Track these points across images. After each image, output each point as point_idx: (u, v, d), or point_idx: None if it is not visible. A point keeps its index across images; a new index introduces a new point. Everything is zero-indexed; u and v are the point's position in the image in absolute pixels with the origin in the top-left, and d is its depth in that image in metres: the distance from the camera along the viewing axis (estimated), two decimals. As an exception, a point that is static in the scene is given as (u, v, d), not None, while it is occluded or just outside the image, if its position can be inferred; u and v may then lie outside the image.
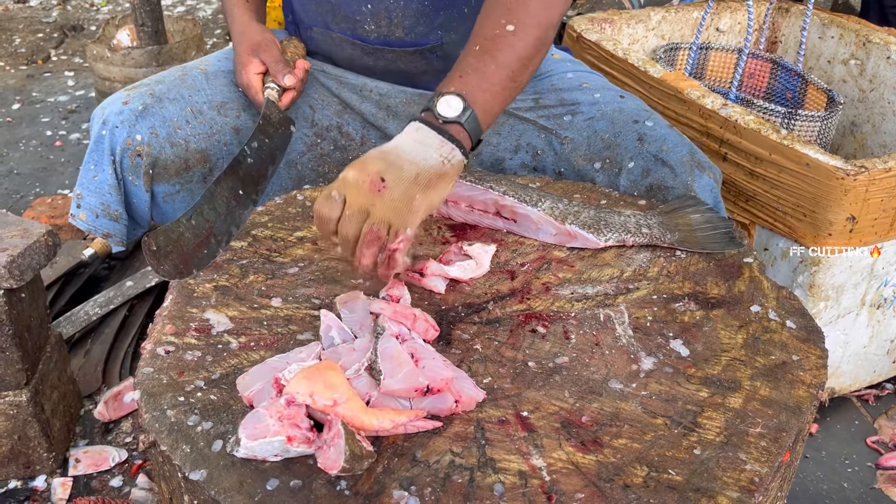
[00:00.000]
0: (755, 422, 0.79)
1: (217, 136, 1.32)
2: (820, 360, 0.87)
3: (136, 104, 1.27)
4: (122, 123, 1.26)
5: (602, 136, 1.28)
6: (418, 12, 1.25)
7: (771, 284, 0.99)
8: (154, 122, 1.27)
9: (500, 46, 1.01)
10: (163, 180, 1.29)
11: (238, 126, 1.33)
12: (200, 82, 1.33)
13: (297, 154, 1.36)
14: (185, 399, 0.80)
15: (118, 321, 1.69)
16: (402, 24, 1.26)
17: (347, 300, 0.92)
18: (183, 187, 1.31)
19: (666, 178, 1.21)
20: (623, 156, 1.25)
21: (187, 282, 0.99)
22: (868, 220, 1.34)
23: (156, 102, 1.28)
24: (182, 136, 1.29)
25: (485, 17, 1.04)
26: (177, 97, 1.30)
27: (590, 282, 1.01)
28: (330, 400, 0.74)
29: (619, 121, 1.28)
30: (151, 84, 1.32)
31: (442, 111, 0.95)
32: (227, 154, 1.32)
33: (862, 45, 1.90)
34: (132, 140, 1.26)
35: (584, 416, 0.80)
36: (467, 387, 0.81)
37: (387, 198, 0.87)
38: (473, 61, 1.00)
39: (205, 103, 1.32)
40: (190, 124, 1.30)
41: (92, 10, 4.22)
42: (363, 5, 1.25)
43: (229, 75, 1.36)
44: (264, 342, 0.90)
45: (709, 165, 1.23)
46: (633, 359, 0.88)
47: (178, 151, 1.29)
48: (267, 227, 1.10)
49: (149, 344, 0.88)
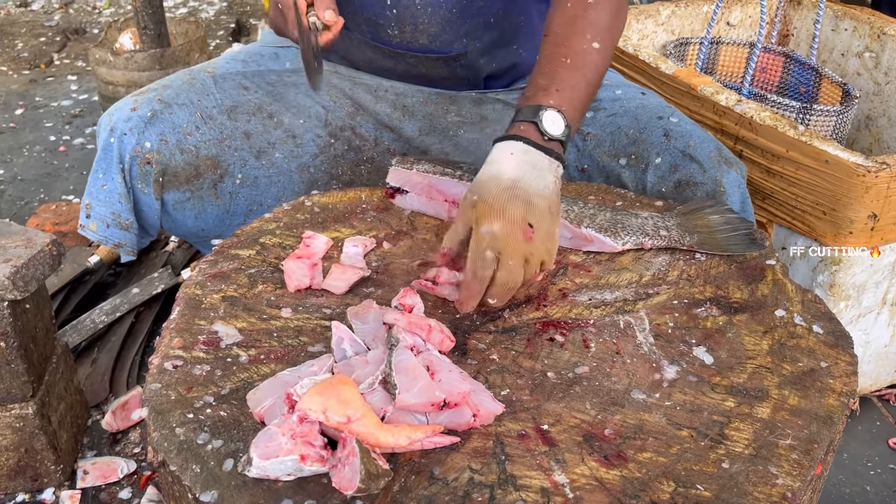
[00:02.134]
0: (785, 433, 0.76)
1: (228, 142, 1.28)
2: (850, 367, 0.84)
3: (145, 110, 1.24)
4: (131, 131, 1.22)
5: (626, 132, 1.26)
6: (445, 20, 1.22)
7: (795, 287, 0.96)
8: (163, 128, 1.24)
9: (589, 64, 1.03)
10: (173, 188, 1.26)
11: (249, 131, 1.30)
12: (209, 86, 1.30)
13: (310, 157, 1.32)
14: (195, 416, 0.78)
15: (125, 329, 1.66)
16: (428, 31, 1.23)
17: (359, 311, 0.90)
18: (193, 195, 1.28)
19: (695, 173, 1.19)
20: (649, 151, 1.23)
21: (195, 292, 0.96)
22: (890, 218, 1.31)
23: (165, 108, 1.25)
24: (192, 143, 1.26)
25: (569, 28, 1.05)
26: (186, 102, 1.27)
27: (608, 287, 0.98)
28: (344, 416, 0.72)
29: (642, 117, 1.26)
30: (159, 89, 1.28)
31: (549, 129, 0.96)
32: (239, 160, 1.29)
33: (876, 37, 1.87)
34: (141, 147, 1.22)
35: (607, 429, 0.77)
36: (485, 400, 0.78)
37: (537, 241, 0.91)
38: (567, 75, 1.01)
39: (214, 108, 1.29)
40: (200, 130, 1.27)
41: (94, 14, 4.20)
42: (388, 10, 1.22)
43: (238, 78, 1.33)
44: (275, 355, 0.87)
45: (735, 161, 1.22)
46: (656, 367, 0.85)
47: (188, 158, 1.26)
48: (275, 234, 1.08)
49: (156, 358, 0.86)
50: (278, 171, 1.30)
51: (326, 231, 1.09)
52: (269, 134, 1.29)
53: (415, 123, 1.33)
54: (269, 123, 1.30)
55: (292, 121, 1.31)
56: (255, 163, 1.29)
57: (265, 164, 1.29)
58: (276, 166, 1.30)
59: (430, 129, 1.33)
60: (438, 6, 1.21)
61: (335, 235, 1.08)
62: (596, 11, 1.06)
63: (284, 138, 1.30)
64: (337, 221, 1.11)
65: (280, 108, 1.31)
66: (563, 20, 1.06)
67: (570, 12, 1.06)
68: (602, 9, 1.07)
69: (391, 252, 1.05)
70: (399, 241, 1.08)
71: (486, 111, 1.34)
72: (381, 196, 1.16)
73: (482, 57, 1.28)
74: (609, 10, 1.08)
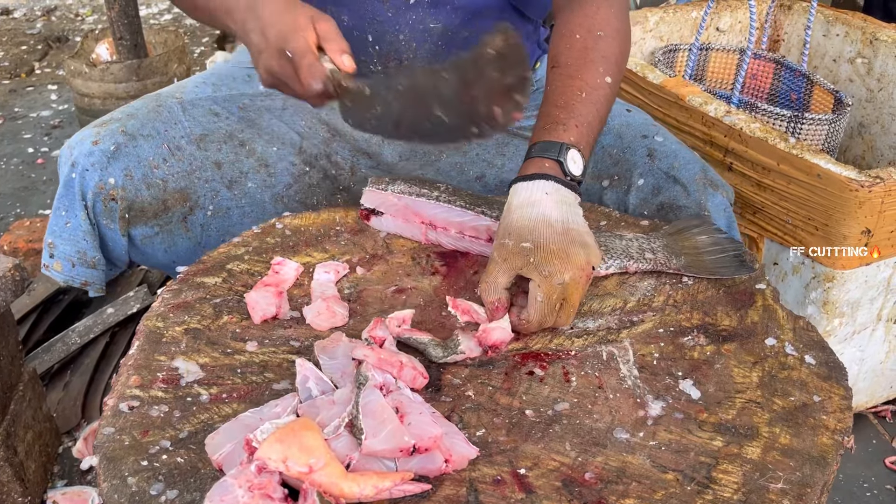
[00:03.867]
0: (776, 476, 0.72)
1: (197, 173, 1.21)
2: (844, 402, 0.80)
3: (108, 144, 1.16)
4: (93, 166, 1.14)
5: (609, 152, 1.21)
6: (430, 53, 1.17)
7: (786, 314, 0.92)
8: (128, 162, 1.16)
9: (601, 99, 1.02)
10: (140, 223, 1.19)
11: (220, 160, 1.22)
12: (177, 114, 1.22)
13: (284, 187, 1.26)
14: (149, 463, 0.73)
15: (98, 351, 1.62)
16: (412, 65, 1.18)
17: (327, 344, 0.85)
18: (162, 229, 1.21)
19: (678, 196, 1.14)
20: (632, 172, 1.18)
21: (156, 325, 0.91)
22: (884, 233, 1.27)
23: (129, 140, 1.17)
24: (159, 176, 1.18)
25: (580, 60, 1.04)
26: (151, 133, 1.19)
27: (590, 314, 0.93)
28: (305, 466, 0.67)
29: (626, 135, 1.21)
30: (123, 119, 1.20)
31: (572, 169, 0.96)
32: (210, 191, 1.22)
33: (869, 42, 1.83)
34: (104, 184, 1.15)
35: (588, 473, 0.72)
36: (458, 443, 0.74)
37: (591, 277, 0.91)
38: (583, 110, 1.00)
39: (182, 138, 1.21)
40: (167, 162, 1.19)
41: (77, 21, 4.14)
42: (370, 47, 1.17)
43: (207, 103, 1.25)
44: (237, 393, 0.82)
45: (722, 184, 1.16)
46: (640, 403, 0.80)
47: (155, 193, 1.18)
48: (244, 260, 1.03)
49: (111, 399, 0.81)
50: (251, 202, 1.24)
51: (298, 255, 1.04)
52: (241, 163, 1.23)
53: (394, 148, 1.27)
54: (241, 152, 1.23)
55: (265, 148, 1.25)
56: (227, 193, 1.23)
57: (237, 194, 1.23)
58: (249, 196, 1.24)
59: (411, 154, 1.28)
60: (423, 41, 1.16)
61: (307, 260, 1.03)
62: (606, 44, 1.05)
63: (257, 167, 1.24)
64: (309, 245, 1.07)
65: (252, 134, 1.25)
66: (574, 52, 1.04)
67: (580, 44, 1.04)
68: (612, 41, 1.05)
69: (364, 278, 1.01)
70: (373, 266, 1.03)
71: None
72: (355, 218, 1.12)
73: None
74: (618, 43, 1.07)
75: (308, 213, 1.12)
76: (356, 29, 1.16)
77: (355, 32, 1.16)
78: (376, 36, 1.16)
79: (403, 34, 1.15)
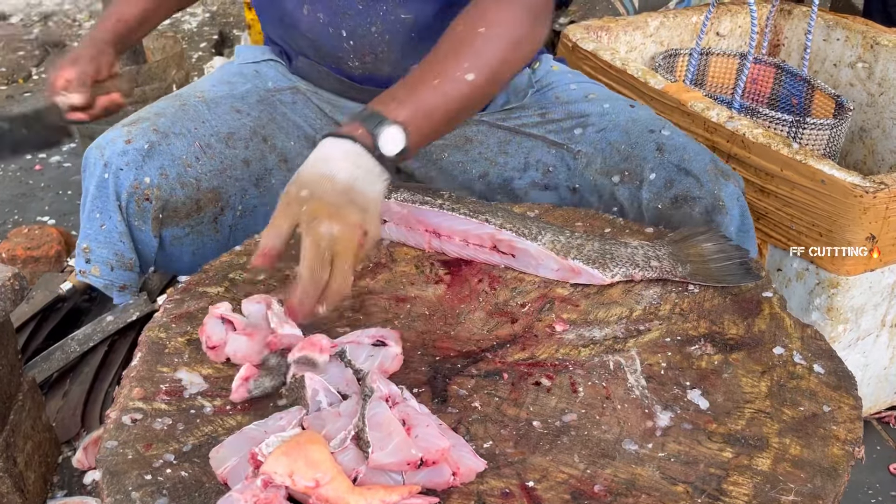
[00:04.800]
0: (787, 487, 0.71)
1: (228, 172, 1.20)
2: (854, 412, 0.79)
3: (141, 142, 1.15)
4: (128, 165, 1.13)
5: (618, 148, 1.20)
6: (405, 45, 1.16)
7: (794, 322, 0.91)
8: (163, 161, 1.15)
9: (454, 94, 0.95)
10: (172, 224, 1.18)
11: (248, 158, 1.22)
12: (203, 112, 1.22)
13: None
14: (153, 477, 0.72)
15: (98, 359, 1.60)
16: (389, 59, 1.18)
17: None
18: (193, 230, 1.20)
19: (691, 188, 1.13)
20: (643, 167, 1.17)
21: (158, 336, 0.90)
22: (889, 239, 1.26)
23: (162, 139, 1.16)
24: (193, 175, 1.17)
25: (451, 52, 0.98)
26: (183, 131, 1.18)
27: (597, 323, 0.93)
28: (312, 480, 0.66)
29: (633, 131, 1.20)
30: (152, 118, 1.19)
31: (383, 146, 0.89)
32: (240, 190, 1.21)
33: (870, 47, 1.83)
34: (140, 183, 1.13)
35: (597, 485, 0.72)
36: (466, 456, 0.73)
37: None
38: (429, 98, 0.93)
39: (212, 136, 1.20)
40: (200, 161, 1.18)
41: (75, 27, 4.13)
42: (344, 42, 1.17)
43: (229, 101, 1.25)
44: (242, 405, 0.81)
45: (731, 173, 1.16)
46: (648, 414, 0.80)
47: (189, 192, 1.17)
48: (246, 268, 1.02)
49: (114, 412, 0.80)
50: (275, 200, 1.23)
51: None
52: (266, 159, 1.23)
53: None
54: (264, 148, 1.23)
55: (284, 143, 1.25)
56: (254, 192, 1.22)
57: (262, 192, 1.23)
58: (273, 194, 1.23)
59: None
60: (396, 32, 1.15)
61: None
62: (483, 41, 0.98)
63: (279, 163, 1.24)
64: (312, 254, 1.06)
65: (274, 129, 1.25)
66: (449, 41, 0.99)
67: (458, 35, 0.99)
68: (491, 41, 0.98)
69: (368, 287, 1.00)
70: (377, 275, 1.02)
71: (471, 132, 1.28)
72: (358, 225, 1.11)
73: None
74: (500, 45, 0.98)
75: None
76: (331, 25, 1.16)
77: (330, 29, 1.16)
78: (349, 30, 1.16)
79: (376, 26, 1.14)
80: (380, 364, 0.84)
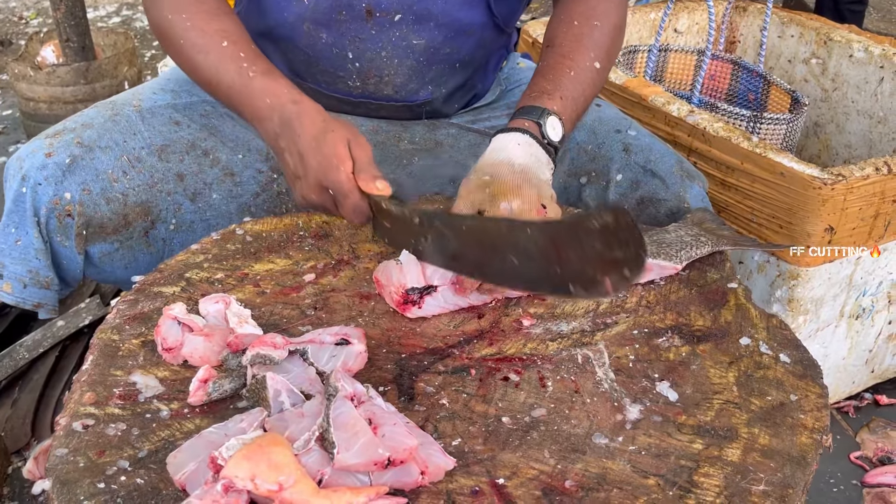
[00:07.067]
0: (757, 477, 0.71)
1: (159, 186, 1.14)
2: (820, 400, 0.79)
3: (62, 156, 1.08)
4: (47, 180, 1.07)
5: (585, 149, 1.20)
6: (412, 70, 1.15)
7: (759, 313, 0.91)
8: (85, 176, 1.09)
9: (588, 81, 1.07)
10: (99, 240, 1.12)
11: (182, 172, 1.15)
12: (135, 123, 1.15)
13: (251, 196, 1.19)
14: (107, 485, 0.69)
15: (48, 366, 1.55)
16: (393, 82, 1.16)
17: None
18: (122, 245, 1.13)
19: (657, 189, 1.15)
20: (609, 168, 1.18)
21: (111, 338, 0.86)
22: (846, 230, 1.28)
23: (85, 153, 1.10)
24: (119, 190, 1.11)
25: (575, 44, 1.08)
26: (110, 144, 1.12)
27: (563, 317, 0.92)
28: (275, 484, 0.64)
29: (600, 131, 1.21)
30: (78, 129, 1.12)
31: (549, 133, 1.00)
32: (172, 204, 1.15)
33: (823, 43, 1.86)
34: (60, 199, 1.07)
35: (568, 481, 0.70)
36: (434, 454, 0.71)
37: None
38: (570, 86, 1.05)
39: (143, 149, 1.14)
40: (128, 175, 1.12)
41: (21, 24, 4.00)
42: (349, 63, 1.13)
43: (167, 112, 1.18)
44: (200, 408, 0.78)
45: (696, 174, 1.19)
46: (618, 407, 0.79)
47: (115, 207, 1.11)
48: (202, 268, 0.99)
49: (64, 418, 0.77)
50: (216, 214, 1.18)
51: (260, 262, 1.00)
52: (205, 173, 1.16)
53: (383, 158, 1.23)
54: (204, 162, 1.17)
55: (230, 157, 1.18)
56: (190, 206, 1.16)
57: (201, 206, 1.17)
58: (214, 208, 1.18)
59: (382, 159, 1.23)
60: (405, 57, 1.13)
61: (269, 267, 1.00)
62: (600, 33, 1.10)
63: (222, 177, 1.17)
64: (271, 251, 1.03)
65: (216, 143, 1.18)
66: (570, 36, 1.09)
67: (576, 30, 1.10)
68: (606, 31, 1.11)
69: (330, 284, 0.97)
70: (339, 272, 1.00)
71: (441, 136, 1.26)
72: (319, 222, 1.08)
73: (447, 101, 1.22)
74: (611, 34, 1.12)
75: (270, 218, 1.09)
76: (336, 46, 1.12)
77: (335, 50, 1.13)
78: (357, 53, 1.13)
79: (386, 51, 1.13)
80: (343, 363, 0.82)
